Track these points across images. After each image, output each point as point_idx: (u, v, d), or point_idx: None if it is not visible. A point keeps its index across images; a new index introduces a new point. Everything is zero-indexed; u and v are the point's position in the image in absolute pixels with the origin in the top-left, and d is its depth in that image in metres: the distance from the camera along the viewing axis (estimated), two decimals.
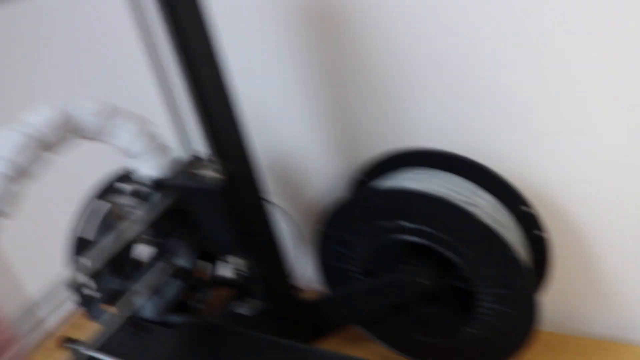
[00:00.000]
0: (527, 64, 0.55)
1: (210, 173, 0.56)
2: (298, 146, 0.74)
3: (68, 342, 0.71)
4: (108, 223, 0.80)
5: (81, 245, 0.83)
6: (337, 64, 0.65)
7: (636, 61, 0.51)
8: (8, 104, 0.87)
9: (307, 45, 0.66)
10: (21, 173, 0.54)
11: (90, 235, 0.81)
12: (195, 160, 0.58)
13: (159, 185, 0.59)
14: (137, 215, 0.60)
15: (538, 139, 0.58)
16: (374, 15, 0.60)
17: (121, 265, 0.76)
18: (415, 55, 0.60)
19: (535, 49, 0.54)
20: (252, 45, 0.68)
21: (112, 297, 0.71)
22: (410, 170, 0.62)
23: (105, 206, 0.81)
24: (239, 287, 0.67)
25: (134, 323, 0.74)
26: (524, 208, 0.58)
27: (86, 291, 0.70)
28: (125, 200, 0.60)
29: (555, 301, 0.66)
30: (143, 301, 0.75)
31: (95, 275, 0.67)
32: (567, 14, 0.52)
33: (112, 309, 0.63)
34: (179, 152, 0.61)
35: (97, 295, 0.71)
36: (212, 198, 0.55)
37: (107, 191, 0.78)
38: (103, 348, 0.60)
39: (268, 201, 0.60)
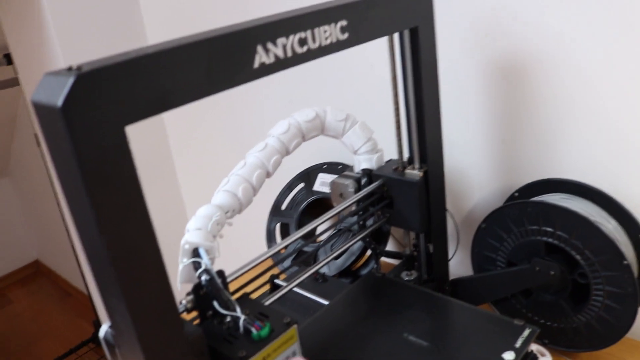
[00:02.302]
0: None
1: (411, 171, 0.80)
2: (467, 166, 0.97)
3: (273, 278, 0.98)
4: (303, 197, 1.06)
5: (279, 212, 1.10)
6: (508, 109, 0.88)
7: None
8: (289, 108, 1.19)
9: (489, 91, 0.89)
10: (284, 148, 0.81)
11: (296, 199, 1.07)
12: (400, 162, 0.82)
13: (371, 174, 0.84)
14: (350, 193, 0.85)
15: None
16: (546, 78, 0.82)
17: (313, 232, 1.02)
18: (572, 110, 0.82)
19: None
20: (449, 86, 0.92)
21: (302, 256, 0.96)
22: (554, 194, 0.83)
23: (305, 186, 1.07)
24: (406, 260, 0.91)
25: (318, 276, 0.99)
26: None
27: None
28: (344, 181, 0.86)
29: None
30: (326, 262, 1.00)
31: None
32: None
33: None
34: (388, 156, 0.86)
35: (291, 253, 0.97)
36: (411, 188, 0.79)
37: (330, 170, 1.05)
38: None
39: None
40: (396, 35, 0.74)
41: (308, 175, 1.11)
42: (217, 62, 0.48)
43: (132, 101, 0.42)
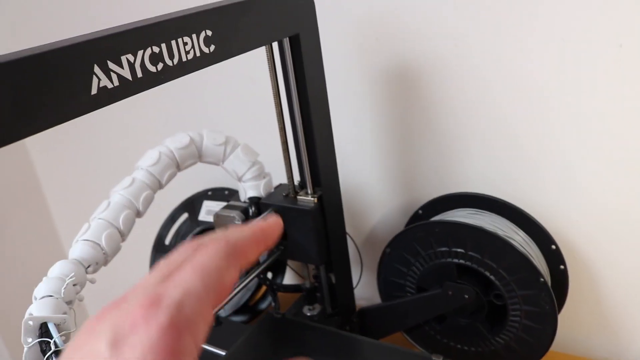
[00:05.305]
0: (559, 137, 0.71)
1: (304, 197, 0.71)
2: (366, 183, 0.89)
3: None
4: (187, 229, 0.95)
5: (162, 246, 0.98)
6: (406, 120, 0.81)
7: None
8: (159, 132, 1.05)
9: (385, 103, 0.82)
10: (155, 181, 0.69)
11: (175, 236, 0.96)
12: (292, 187, 0.73)
13: (259, 203, 0.73)
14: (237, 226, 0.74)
15: (564, 191, 0.74)
16: (441, 85, 0.76)
17: None
18: (471, 119, 0.76)
19: (567, 124, 0.70)
20: (341, 99, 0.84)
21: None
22: (460, 209, 0.77)
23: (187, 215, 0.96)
24: (307, 293, 0.81)
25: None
26: (552, 246, 0.73)
27: None
28: (229, 213, 0.75)
29: (567, 326, 0.80)
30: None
31: None
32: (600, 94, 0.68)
33: None
34: (279, 179, 0.76)
35: None
36: (305, 216, 0.69)
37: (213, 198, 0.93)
38: None
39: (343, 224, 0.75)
40: (275, 45, 0.65)
41: (192, 204, 0.99)
42: (34, 91, 0.36)
43: None
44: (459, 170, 0.80)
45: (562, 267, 0.74)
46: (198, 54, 0.48)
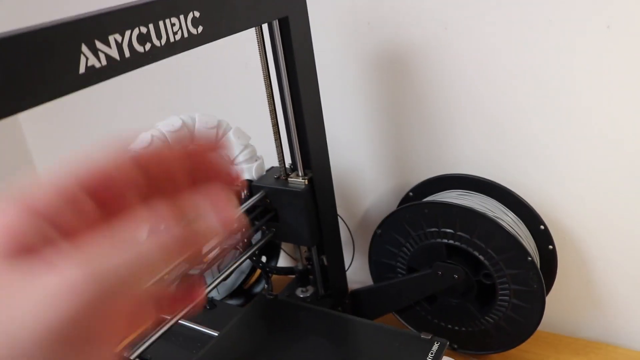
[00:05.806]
0: (547, 117, 0.72)
1: (295, 179, 0.72)
2: (358, 166, 0.90)
3: None
4: None
5: None
6: (396, 103, 0.82)
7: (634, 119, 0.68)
8: (152, 116, 1.06)
9: (375, 87, 0.82)
10: None
11: None
12: (283, 169, 0.74)
13: (251, 186, 0.74)
14: None
15: (553, 172, 0.74)
16: (431, 69, 0.77)
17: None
18: (460, 102, 0.77)
19: (555, 105, 0.71)
20: (333, 83, 0.84)
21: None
22: (450, 190, 0.78)
23: None
24: (300, 275, 0.82)
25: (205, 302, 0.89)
26: (541, 227, 0.74)
27: None
28: None
29: (556, 306, 0.81)
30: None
31: None
32: (578, 80, 0.68)
33: None
34: (271, 162, 0.77)
35: None
36: (296, 198, 0.70)
37: None
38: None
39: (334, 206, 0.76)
40: (266, 27, 0.65)
41: None
42: (22, 69, 0.36)
43: None
44: (450, 152, 0.81)
45: (550, 247, 0.75)
46: (186, 35, 0.49)
